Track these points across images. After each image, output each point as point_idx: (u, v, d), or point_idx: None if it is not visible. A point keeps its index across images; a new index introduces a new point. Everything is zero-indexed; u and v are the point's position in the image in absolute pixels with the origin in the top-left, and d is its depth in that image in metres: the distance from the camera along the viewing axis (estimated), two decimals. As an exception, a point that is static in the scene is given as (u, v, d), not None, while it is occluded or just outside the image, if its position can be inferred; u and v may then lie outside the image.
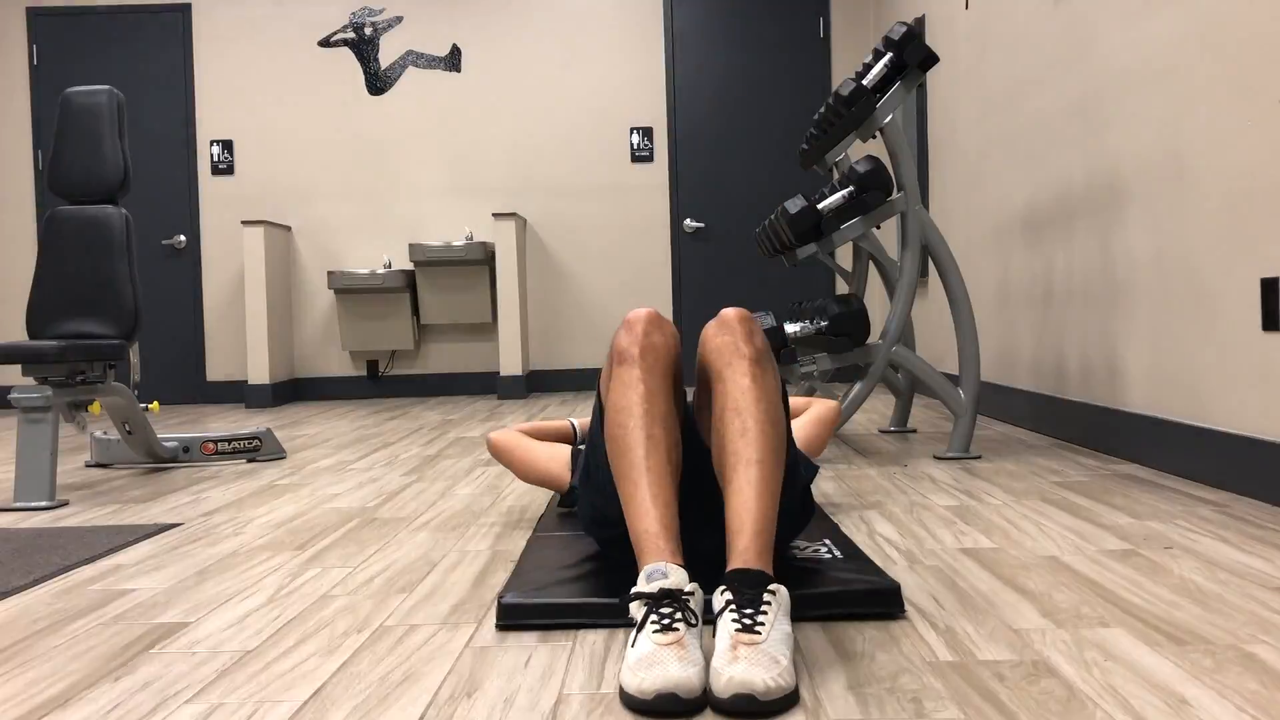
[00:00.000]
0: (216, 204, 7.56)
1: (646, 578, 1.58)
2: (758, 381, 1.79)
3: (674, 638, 1.46)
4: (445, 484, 3.49)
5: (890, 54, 3.66)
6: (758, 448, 1.72)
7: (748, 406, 1.75)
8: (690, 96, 7.46)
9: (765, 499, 1.68)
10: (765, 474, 1.70)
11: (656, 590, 1.54)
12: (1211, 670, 1.51)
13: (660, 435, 1.77)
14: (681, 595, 1.54)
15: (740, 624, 1.48)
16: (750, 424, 1.74)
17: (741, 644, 1.45)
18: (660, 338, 1.87)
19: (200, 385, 7.56)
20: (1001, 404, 4.80)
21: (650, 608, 1.52)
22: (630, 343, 1.86)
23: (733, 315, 1.88)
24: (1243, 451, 2.81)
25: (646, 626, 1.49)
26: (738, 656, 1.42)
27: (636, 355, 1.84)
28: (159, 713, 1.48)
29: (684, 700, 1.39)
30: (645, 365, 1.83)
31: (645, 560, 1.65)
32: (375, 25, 7.51)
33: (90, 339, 3.52)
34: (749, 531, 1.64)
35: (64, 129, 3.71)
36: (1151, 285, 3.31)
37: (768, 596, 1.54)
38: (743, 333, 1.85)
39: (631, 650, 1.48)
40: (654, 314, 1.91)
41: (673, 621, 1.49)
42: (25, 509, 3.22)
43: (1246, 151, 2.77)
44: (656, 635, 1.47)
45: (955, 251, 5.53)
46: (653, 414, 1.78)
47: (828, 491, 3.11)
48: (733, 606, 1.52)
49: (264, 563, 2.41)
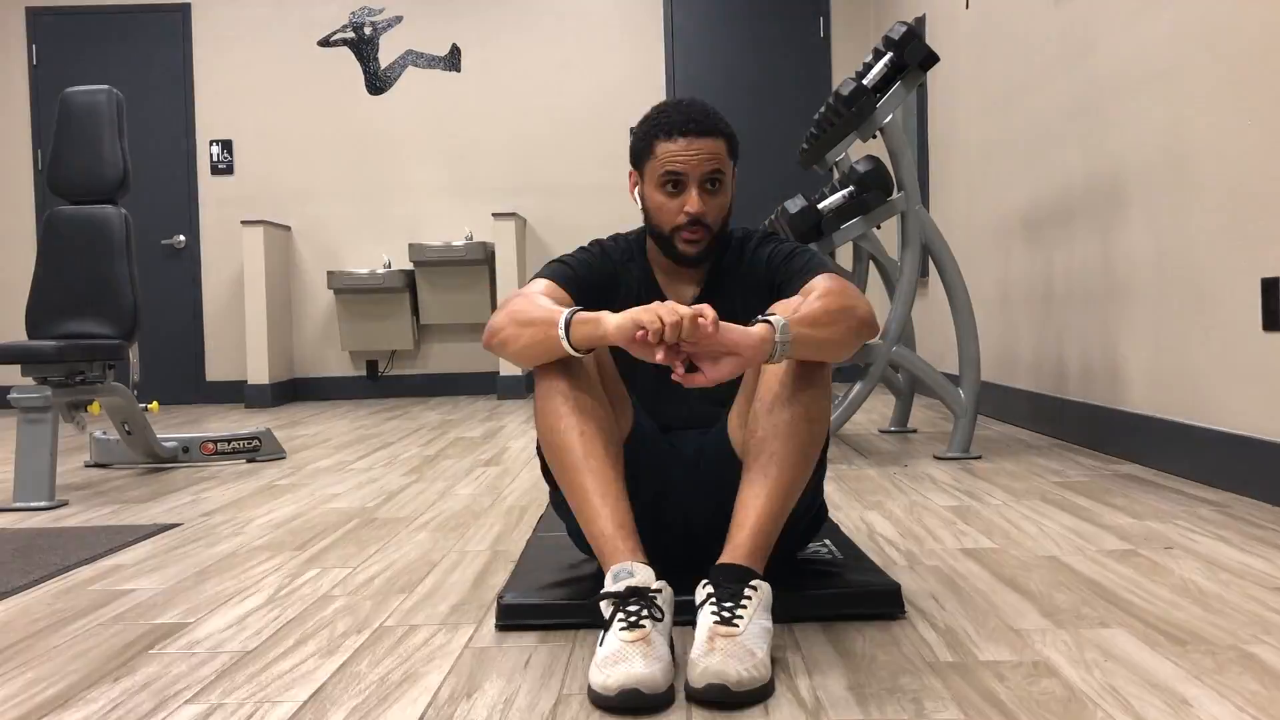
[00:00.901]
0: (216, 204, 7.56)
1: (613, 578, 1.59)
2: (803, 371, 1.73)
3: (640, 634, 1.48)
4: (445, 484, 3.49)
5: (890, 54, 3.66)
6: (788, 446, 1.68)
7: (783, 401, 1.70)
8: (690, 96, 7.45)
9: (777, 502, 1.67)
10: (786, 475, 1.68)
11: (623, 589, 1.55)
12: (1212, 670, 1.51)
13: (593, 430, 1.72)
14: (648, 593, 1.55)
15: (719, 616, 1.50)
16: (783, 419, 1.69)
17: (719, 636, 1.47)
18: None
19: (200, 385, 7.56)
20: (1001, 404, 4.80)
21: (617, 606, 1.53)
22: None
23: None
24: (1243, 451, 2.81)
25: (614, 624, 1.51)
26: (714, 648, 1.45)
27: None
28: (159, 713, 1.48)
29: (647, 696, 1.40)
30: (562, 362, 1.75)
31: (609, 561, 1.65)
32: (375, 25, 7.51)
33: (90, 339, 3.52)
34: (748, 529, 1.65)
35: (64, 129, 3.71)
36: (1151, 285, 3.31)
37: (749, 591, 1.55)
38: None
39: (600, 648, 1.49)
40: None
41: (639, 619, 1.50)
42: (25, 509, 3.22)
43: (1246, 151, 2.77)
44: (623, 633, 1.48)
45: (955, 251, 5.52)
46: (580, 410, 1.72)
47: (827, 491, 3.11)
48: (713, 600, 1.54)
49: (264, 563, 2.41)
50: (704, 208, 1.87)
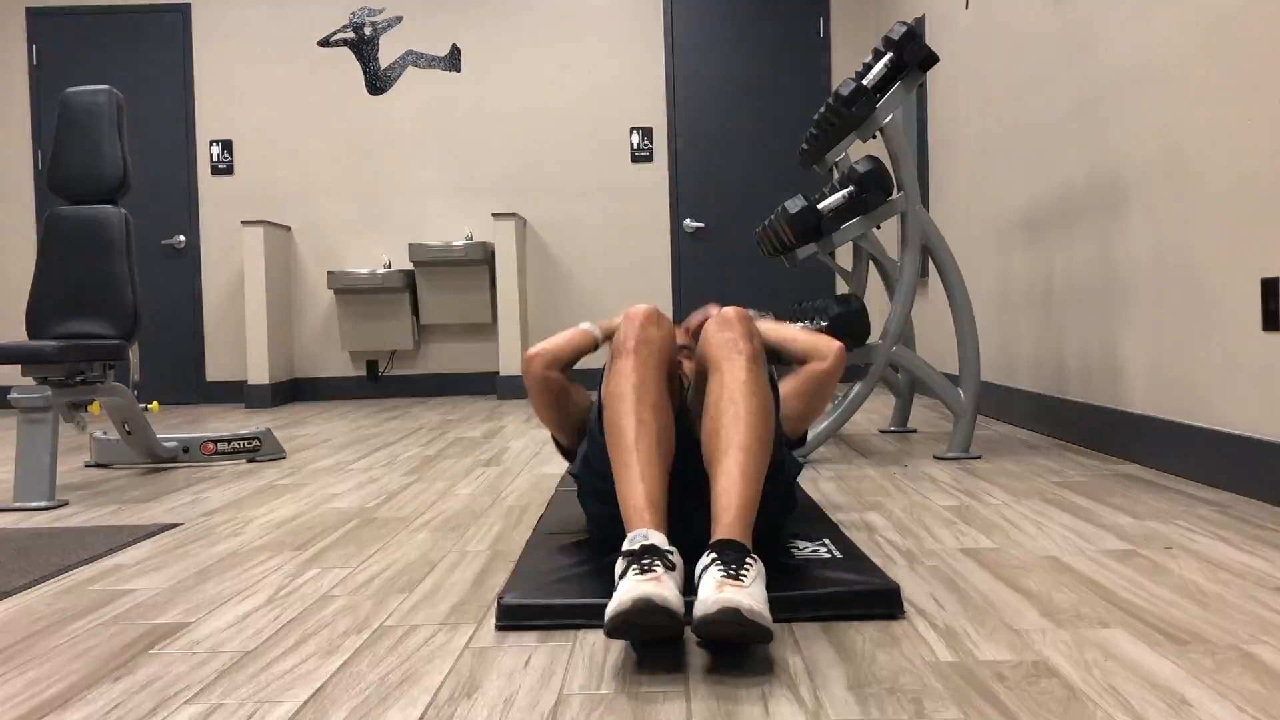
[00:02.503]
0: (216, 204, 7.56)
1: (630, 541, 1.71)
2: (752, 375, 1.92)
3: (653, 577, 1.59)
4: (445, 484, 3.49)
5: (890, 54, 3.66)
6: (748, 435, 1.84)
7: (743, 397, 1.88)
8: (690, 96, 7.46)
9: (751, 483, 1.81)
10: (753, 459, 1.83)
11: (639, 547, 1.67)
12: (1211, 670, 1.51)
13: (650, 419, 1.89)
14: (660, 549, 1.67)
15: (726, 572, 1.60)
16: (743, 412, 1.87)
17: (727, 585, 1.56)
18: (657, 332, 2.00)
19: (200, 385, 7.56)
20: (1001, 404, 4.80)
21: (631, 560, 1.65)
22: (628, 336, 1.99)
23: (733, 314, 2.01)
24: (1243, 451, 2.81)
25: (629, 574, 1.61)
26: (724, 589, 1.54)
27: (632, 348, 1.97)
28: (159, 713, 1.48)
29: (658, 606, 1.52)
30: (640, 357, 1.95)
31: (632, 528, 1.78)
32: (375, 25, 7.51)
33: (90, 339, 3.52)
34: (734, 509, 1.77)
35: (64, 129, 3.71)
36: (1152, 285, 3.31)
37: (750, 560, 1.66)
38: (742, 331, 1.98)
39: (615, 595, 1.59)
40: (653, 310, 2.04)
41: (651, 567, 1.62)
42: (25, 509, 3.22)
43: (1246, 151, 2.77)
44: (637, 577, 1.59)
45: (955, 251, 5.53)
46: (644, 400, 1.90)
47: (827, 491, 3.11)
48: (719, 563, 1.63)
49: (264, 563, 2.41)
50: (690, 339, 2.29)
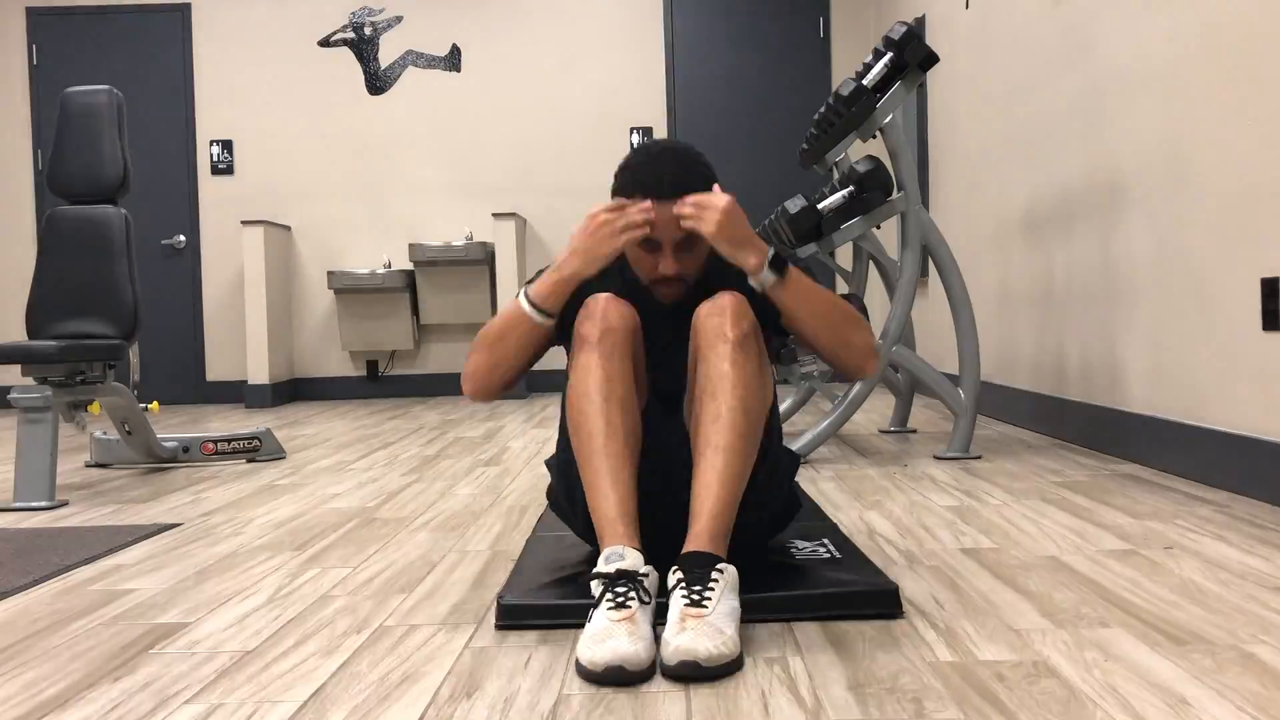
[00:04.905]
0: (216, 204, 7.56)
1: (605, 560, 1.70)
2: (737, 366, 1.81)
3: (626, 614, 1.58)
4: (445, 484, 3.49)
5: (890, 54, 3.66)
6: (727, 434, 1.78)
7: (723, 392, 1.80)
8: (690, 96, 7.46)
9: (728, 486, 1.76)
10: (731, 460, 1.77)
11: (614, 571, 1.65)
12: (1211, 670, 1.51)
13: (619, 420, 1.82)
14: (636, 576, 1.66)
15: (689, 599, 1.60)
16: (723, 410, 1.80)
17: (689, 617, 1.57)
18: (618, 319, 1.88)
19: (200, 385, 7.56)
20: (1001, 404, 4.80)
21: (606, 586, 1.64)
22: (589, 327, 1.88)
23: (726, 298, 1.87)
24: (1243, 451, 2.81)
25: (603, 604, 1.62)
26: (685, 628, 1.55)
27: (596, 340, 1.86)
28: (159, 713, 1.48)
29: (630, 672, 1.52)
30: (603, 350, 1.85)
31: (605, 543, 1.75)
32: (375, 25, 7.51)
33: (90, 339, 3.52)
34: (705, 516, 1.74)
35: (64, 129, 3.71)
36: (1151, 285, 3.31)
37: (715, 575, 1.65)
38: (731, 315, 1.84)
39: (589, 625, 1.61)
40: (611, 297, 1.92)
41: (626, 599, 1.61)
42: (25, 509, 3.22)
43: (1246, 151, 2.77)
44: (610, 612, 1.59)
45: (955, 251, 5.53)
46: (612, 399, 1.83)
47: (827, 491, 3.11)
48: (683, 584, 1.64)
49: (264, 563, 2.41)
50: (678, 269, 1.94)
